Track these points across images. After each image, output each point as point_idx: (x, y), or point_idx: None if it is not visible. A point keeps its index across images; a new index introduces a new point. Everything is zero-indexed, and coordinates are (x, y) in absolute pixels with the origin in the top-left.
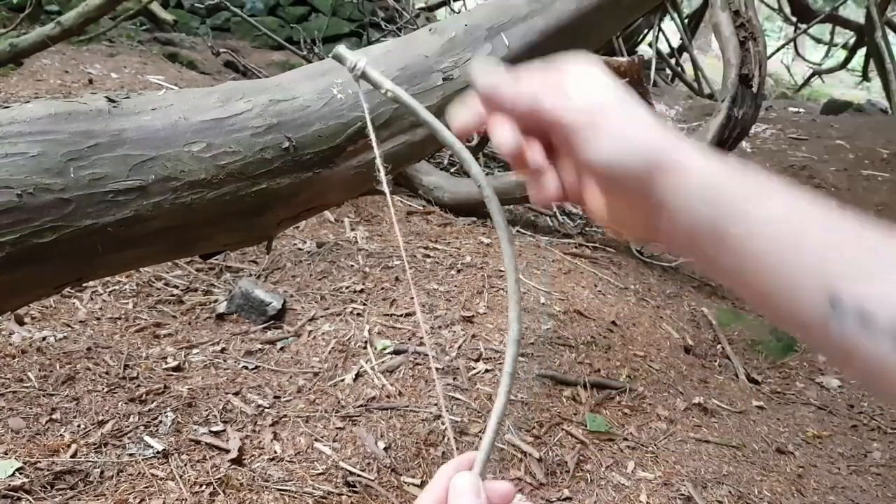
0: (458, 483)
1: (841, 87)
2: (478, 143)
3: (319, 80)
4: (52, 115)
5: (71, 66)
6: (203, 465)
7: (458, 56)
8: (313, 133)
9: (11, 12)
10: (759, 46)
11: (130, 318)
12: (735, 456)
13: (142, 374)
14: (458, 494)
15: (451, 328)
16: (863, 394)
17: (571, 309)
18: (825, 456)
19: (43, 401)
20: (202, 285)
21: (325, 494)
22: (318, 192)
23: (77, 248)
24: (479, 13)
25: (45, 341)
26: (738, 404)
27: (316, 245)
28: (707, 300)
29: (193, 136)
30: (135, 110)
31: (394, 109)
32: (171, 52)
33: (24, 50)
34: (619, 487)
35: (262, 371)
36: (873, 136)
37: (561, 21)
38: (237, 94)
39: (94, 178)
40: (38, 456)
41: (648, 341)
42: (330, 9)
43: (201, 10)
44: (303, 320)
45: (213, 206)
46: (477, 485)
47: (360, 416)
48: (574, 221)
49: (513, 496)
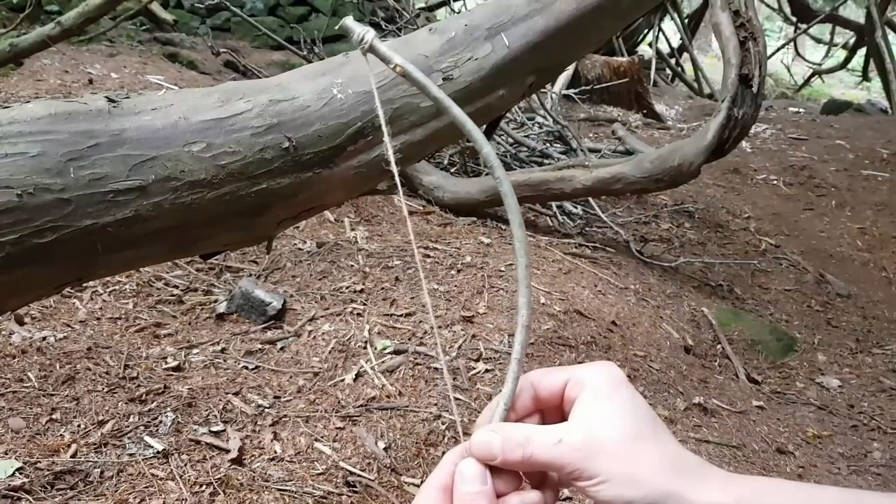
0: (464, 469)
1: (841, 87)
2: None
3: (319, 80)
4: (52, 114)
5: (71, 66)
6: (203, 465)
7: (457, 56)
8: (313, 133)
9: (11, 12)
10: (759, 46)
11: (130, 318)
12: (735, 456)
13: (142, 374)
14: (463, 480)
15: (452, 328)
16: (863, 394)
17: (571, 309)
18: (825, 456)
19: (43, 401)
20: (202, 285)
21: (326, 494)
22: (319, 192)
23: (77, 248)
24: (479, 13)
25: (45, 341)
26: (739, 404)
27: (316, 245)
28: (707, 300)
29: (193, 136)
30: (135, 110)
31: (394, 109)
32: (172, 52)
33: (24, 50)
34: None
35: (263, 371)
36: (873, 135)
37: (561, 21)
38: (237, 94)
39: (95, 178)
40: (38, 456)
41: (648, 341)
42: (330, 9)
43: (201, 10)
44: (303, 320)
45: (213, 206)
46: (483, 471)
47: (360, 416)
48: (574, 221)
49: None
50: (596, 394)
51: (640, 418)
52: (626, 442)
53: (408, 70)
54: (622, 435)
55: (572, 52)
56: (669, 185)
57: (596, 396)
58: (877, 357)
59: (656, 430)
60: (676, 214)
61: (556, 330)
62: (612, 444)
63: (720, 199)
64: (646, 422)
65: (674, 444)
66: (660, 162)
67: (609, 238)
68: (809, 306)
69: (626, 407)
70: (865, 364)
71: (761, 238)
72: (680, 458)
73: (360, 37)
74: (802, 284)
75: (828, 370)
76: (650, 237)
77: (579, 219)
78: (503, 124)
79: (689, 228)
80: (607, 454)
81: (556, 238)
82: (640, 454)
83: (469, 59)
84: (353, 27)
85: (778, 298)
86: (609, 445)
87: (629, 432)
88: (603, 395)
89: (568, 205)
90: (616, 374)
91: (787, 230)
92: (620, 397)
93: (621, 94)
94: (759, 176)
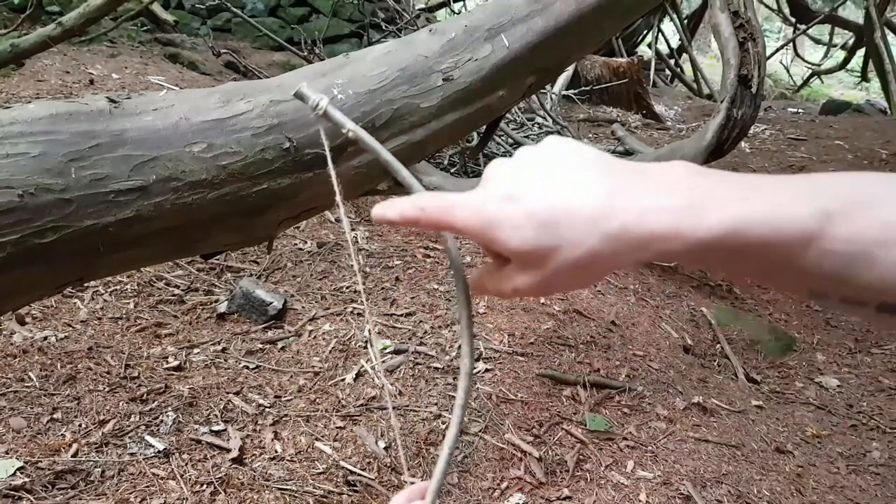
0: None
1: (840, 88)
2: (478, 143)
3: (320, 81)
4: (54, 115)
5: (72, 67)
6: (204, 465)
7: (458, 57)
8: (314, 133)
9: (12, 13)
10: (758, 47)
11: (131, 317)
12: (734, 455)
13: (143, 374)
14: None
15: (451, 328)
16: (861, 393)
17: (571, 309)
18: (824, 455)
19: (44, 400)
20: (203, 285)
21: (326, 493)
22: (319, 192)
23: (78, 249)
24: (479, 14)
25: (46, 341)
26: (738, 404)
27: (316, 245)
28: (706, 300)
29: (194, 137)
30: (136, 111)
31: (394, 110)
32: (172, 53)
33: (26, 50)
34: (618, 487)
35: (263, 371)
36: (872, 136)
37: (560, 21)
38: (238, 94)
39: (96, 179)
40: (39, 455)
41: (648, 341)
42: (330, 10)
43: (202, 11)
44: (303, 320)
45: (214, 206)
46: None
47: (360, 416)
48: None
49: None
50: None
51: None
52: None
53: (359, 135)
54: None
55: (572, 52)
56: None
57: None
58: (875, 357)
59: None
60: None
61: (556, 329)
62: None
63: None
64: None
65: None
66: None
67: None
68: (808, 306)
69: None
70: (864, 364)
71: None
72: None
73: (314, 103)
74: None
75: (827, 370)
76: None
77: None
78: (503, 124)
79: None
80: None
81: None
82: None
83: (469, 60)
84: (307, 94)
85: (777, 298)
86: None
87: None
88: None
89: None
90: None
91: None
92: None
93: (621, 95)
94: None
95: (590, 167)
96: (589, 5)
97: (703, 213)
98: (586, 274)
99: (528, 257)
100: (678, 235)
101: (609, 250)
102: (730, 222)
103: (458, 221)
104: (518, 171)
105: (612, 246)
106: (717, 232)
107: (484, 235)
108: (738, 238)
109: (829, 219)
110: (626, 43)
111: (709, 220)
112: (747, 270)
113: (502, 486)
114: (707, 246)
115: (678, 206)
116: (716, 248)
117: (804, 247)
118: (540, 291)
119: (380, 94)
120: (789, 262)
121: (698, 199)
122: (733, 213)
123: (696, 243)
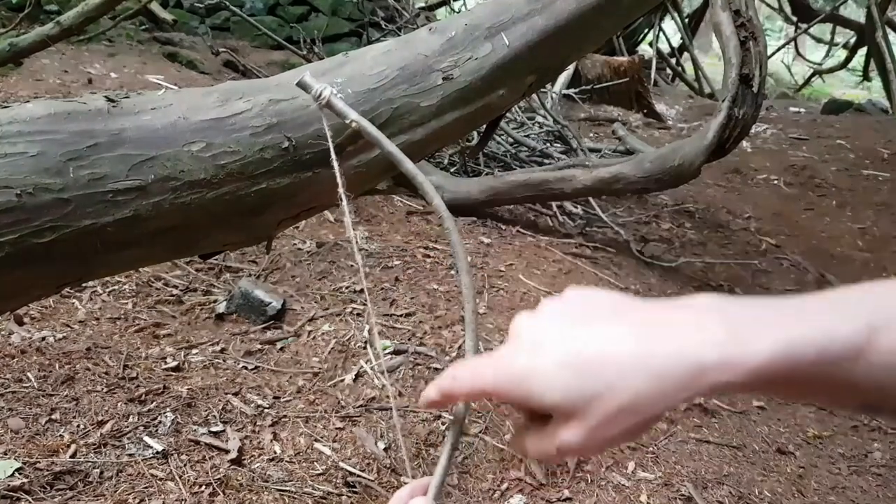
0: None
1: (841, 87)
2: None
3: (319, 80)
4: (52, 114)
5: (70, 66)
6: (203, 466)
7: (458, 55)
8: (313, 133)
9: (11, 12)
10: (759, 46)
11: (130, 318)
12: (735, 456)
13: (141, 375)
14: None
15: (451, 328)
16: None
17: None
18: (826, 456)
19: (42, 401)
20: (202, 285)
21: (325, 495)
22: (318, 192)
23: (77, 248)
24: (479, 12)
25: (44, 341)
26: (739, 404)
27: (316, 245)
28: None
29: (193, 136)
30: (134, 110)
31: (394, 109)
32: (171, 52)
33: (24, 49)
34: (619, 488)
35: (262, 371)
36: (874, 135)
37: (561, 20)
38: (237, 93)
39: (94, 178)
40: (37, 456)
41: None
42: (330, 8)
43: (201, 10)
44: (303, 320)
45: (212, 205)
46: None
47: (359, 417)
48: (574, 221)
49: None
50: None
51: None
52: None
53: (363, 125)
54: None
55: (572, 51)
56: (670, 184)
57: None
58: None
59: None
60: (677, 214)
61: None
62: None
63: (721, 199)
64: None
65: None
66: (660, 162)
67: (609, 238)
68: None
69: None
70: None
71: (762, 238)
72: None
73: (317, 93)
74: (803, 285)
75: None
76: (650, 237)
77: (579, 219)
78: (503, 124)
79: (689, 228)
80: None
81: (556, 238)
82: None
83: (469, 59)
84: (310, 83)
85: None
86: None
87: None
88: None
89: (568, 205)
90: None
91: (787, 230)
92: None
93: (622, 94)
94: (759, 176)
95: (617, 311)
96: (589, 4)
97: (750, 341)
98: (634, 421)
99: (569, 408)
100: (729, 365)
101: (656, 390)
102: (780, 346)
103: (489, 381)
104: (544, 322)
105: (658, 385)
106: (767, 357)
107: (518, 391)
108: (789, 361)
109: (875, 332)
110: (627, 42)
111: (757, 346)
112: (801, 392)
113: (502, 487)
114: (760, 373)
115: (720, 338)
116: (768, 374)
117: (853, 362)
118: (589, 447)
119: (379, 94)
120: (840, 378)
121: (740, 329)
122: (779, 337)
123: (750, 372)
